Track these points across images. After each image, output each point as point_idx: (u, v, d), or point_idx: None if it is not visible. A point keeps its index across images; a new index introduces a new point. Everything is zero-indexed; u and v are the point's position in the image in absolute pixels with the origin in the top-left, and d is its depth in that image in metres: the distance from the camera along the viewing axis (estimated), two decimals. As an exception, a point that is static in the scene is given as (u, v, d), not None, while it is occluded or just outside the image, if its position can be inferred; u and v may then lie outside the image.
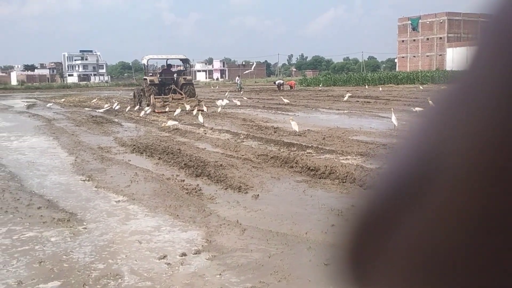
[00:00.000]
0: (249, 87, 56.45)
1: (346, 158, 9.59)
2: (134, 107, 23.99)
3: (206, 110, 20.32)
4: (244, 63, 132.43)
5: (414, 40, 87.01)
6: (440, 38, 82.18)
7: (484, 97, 0.28)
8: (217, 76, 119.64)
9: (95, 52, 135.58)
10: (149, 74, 26.50)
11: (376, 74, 61.49)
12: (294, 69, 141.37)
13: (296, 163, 9.27)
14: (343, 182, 7.83)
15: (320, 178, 8.22)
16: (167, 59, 27.34)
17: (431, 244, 0.29)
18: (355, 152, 10.07)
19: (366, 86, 48.38)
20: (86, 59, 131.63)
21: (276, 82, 48.37)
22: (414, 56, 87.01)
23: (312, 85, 58.09)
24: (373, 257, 0.34)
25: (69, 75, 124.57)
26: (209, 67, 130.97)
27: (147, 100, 23.79)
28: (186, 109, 20.49)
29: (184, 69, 27.58)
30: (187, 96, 23.99)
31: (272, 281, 4.42)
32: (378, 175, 0.34)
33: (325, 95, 34.15)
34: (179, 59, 27.66)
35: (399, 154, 0.34)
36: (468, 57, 0.30)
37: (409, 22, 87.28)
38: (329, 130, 14.10)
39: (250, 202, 7.06)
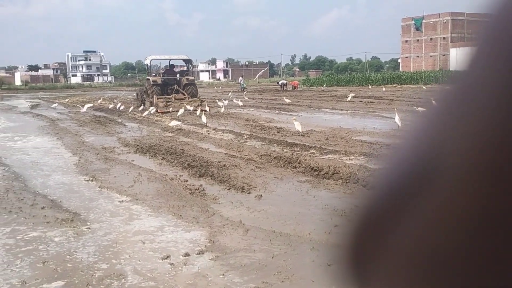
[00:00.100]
0: (252, 87, 56.49)
1: (350, 159, 9.58)
2: (137, 107, 24.04)
3: (209, 110, 20.33)
4: (247, 63, 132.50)
5: (418, 40, 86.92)
6: (444, 38, 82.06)
7: (484, 97, 0.28)
8: (219, 76, 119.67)
9: (99, 52, 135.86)
10: (152, 75, 26.58)
11: (379, 74, 61.49)
12: (297, 69, 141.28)
13: (299, 163, 9.27)
14: (346, 183, 7.83)
15: (323, 179, 8.21)
16: (170, 59, 27.41)
17: (431, 244, 0.29)
18: (359, 153, 10.06)
19: (370, 86, 48.38)
20: (89, 60, 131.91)
21: (280, 82, 48.46)
22: (417, 56, 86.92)
23: (315, 85, 58.12)
24: (374, 257, 0.34)
25: (72, 75, 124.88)
26: (213, 67, 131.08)
27: (149, 100, 23.87)
28: (187, 109, 20.51)
29: (186, 69, 27.64)
30: (189, 96, 24.06)
31: (275, 282, 4.42)
32: (378, 175, 0.34)
33: (329, 95, 34.13)
34: (182, 60, 27.74)
35: (399, 154, 0.34)
36: (468, 57, 0.30)
37: (413, 22, 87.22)
38: (332, 130, 14.09)
39: (253, 202, 7.06)
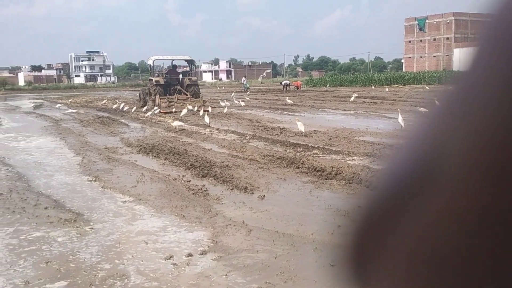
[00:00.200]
0: (255, 87, 56.49)
1: (353, 159, 9.57)
2: (140, 107, 24.09)
3: (211, 111, 20.35)
4: (250, 63, 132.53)
5: (421, 40, 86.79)
6: (447, 38, 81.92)
7: (485, 96, 0.28)
8: (221, 77, 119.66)
9: (102, 53, 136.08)
10: (155, 75, 26.62)
11: (382, 75, 61.41)
12: (300, 70, 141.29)
13: (302, 163, 9.26)
14: (349, 183, 7.82)
15: (326, 179, 8.21)
16: (172, 60, 27.47)
17: (432, 244, 0.29)
18: (362, 153, 10.05)
19: (373, 87, 48.34)
20: (93, 60, 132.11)
21: (283, 83, 48.48)
22: (420, 57, 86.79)
23: (318, 86, 58.10)
24: (375, 257, 0.34)
25: (76, 75, 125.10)
26: (215, 67, 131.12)
27: (152, 101, 23.92)
28: (189, 109, 20.53)
29: (189, 70, 27.69)
30: (192, 96, 24.12)
31: (278, 282, 4.42)
32: (380, 175, 0.34)
33: (332, 96, 34.13)
34: (185, 60, 27.81)
35: (400, 154, 0.34)
36: (470, 57, 0.30)
37: (416, 22, 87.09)
38: (335, 130, 14.08)
39: (256, 203, 7.06)
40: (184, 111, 19.56)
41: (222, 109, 21.55)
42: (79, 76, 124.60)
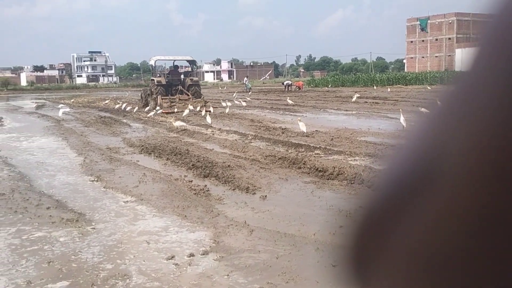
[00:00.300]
0: (257, 88, 56.47)
1: (355, 159, 9.57)
2: (143, 107, 24.14)
3: (213, 111, 20.36)
4: (252, 63, 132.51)
5: (423, 40, 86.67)
6: (449, 38, 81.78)
7: (485, 97, 0.28)
8: (222, 77, 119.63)
9: (104, 53, 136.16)
10: (156, 75, 26.67)
11: (384, 75, 61.32)
12: (302, 70, 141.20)
13: (304, 164, 9.26)
14: (351, 183, 7.81)
15: (328, 179, 8.21)
16: (174, 60, 27.53)
17: (432, 244, 0.29)
18: (364, 153, 10.04)
19: (375, 87, 48.27)
20: (95, 60, 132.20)
21: (284, 83, 48.47)
22: (422, 57, 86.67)
23: (320, 86, 58.06)
24: (375, 257, 0.34)
25: (78, 76, 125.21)
26: (217, 68, 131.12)
27: (154, 101, 23.97)
28: (190, 109, 20.54)
29: (191, 70, 27.74)
30: (193, 97, 24.16)
31: (279, 282, 4.42)
32: (380, 175, 0.34)
33: (333, 96, 34.11)
34: (186, 60, 27.88)
35: (401, 154, 0.34)
36: (470, 57, 0.30)
37: (418, 22, 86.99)
38: (337, 131, 14.07)
39: (258, 203, 7.06)
40: (186, 112, 19.59)
41: (224, 109, 21.56)
42: (81, 76, 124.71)
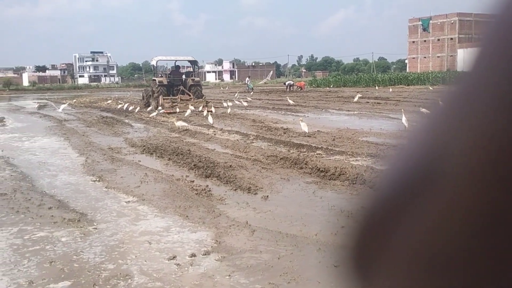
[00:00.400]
0: (259, 88, 56.49)
1: (356, 160, 9.56)
2: (146, 107, 24.18)
3: (214, 111, 20.37)
4: (253, 64, 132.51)
5: (425, 40, 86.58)
6: (451, 39, 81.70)
7: (487, 97, 0.28)
8: (223, 77, 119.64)
9: (106, 53, 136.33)
10: (158, 75, 26.72)
11: (386, 75, 61.30)
12: (304, 70, 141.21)
13: (305, 164, 9.25)
14: (353, 184, 7.81)
15: (330, 180, 8.20)
16: (175, 60, 27.56)
17: (433, 244, 0.29)
18: (365, 154, 10.03)
19: (376, 87, 48.27)
20: (97, 60, 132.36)
21: (286, 83, 48.47)
22: (424, 57, 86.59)
23: (322, 86, 58.06)
24: (377, 257, 0.34)
25: (80, 76, 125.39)
26: (219, 68, 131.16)
27: (155, 101, 24.02)
28: (191, 110, 20.55)
29: (192, 70, 27.77)
30: (195, 97, 24.20)
31: (281, 283, 4.41)
32: (381, 175, 0.34)
33: (335, 96, 34.09)
34: (188, 61, 27.93)
35: (402, 154, 0.34)
36: (472, 57, 0.30)
37: (420, 22, 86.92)
38: (339, 131, 14.06)
39: (260, 203, 7.06)
40: (188, 112, 19.61)
41: (225, 110, 21.56)
42: (83, 76, 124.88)
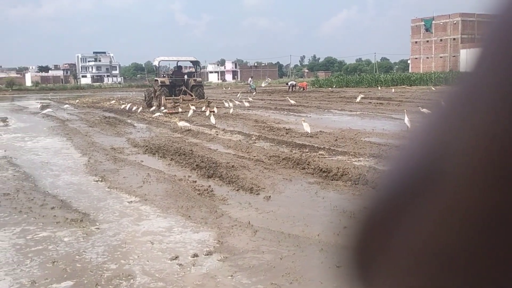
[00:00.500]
0: (261, 88, 56.46)
1: (359, 160, 9.55)
2: (146, 108, 24.20)
3: (217, 111, 20.38)
4: (256, 64, 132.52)
5: (428, 41, 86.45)
6: (454, 39, 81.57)
7: (489, 97, 0.28)
8: (226, 77, 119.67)
9: (109, 53, 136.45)
10: (161, 76, 26.77)
11: (389, 75, 61.19)
12: (306, 70, 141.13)
13: (308, 164, 9.25)
14: (355, 184, 7.80)
15: (332, 180, 8.19)
16: (177, 61, 27.61)
17: (435, 244, 0.29)
18: (368, 154, 10.02)
19: (379, 88, 48.22)
20: (99, 61, 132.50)
21: (289, 83, 48.46)
22: (427, 57, 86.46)
23: (324, 86, 58.01)
24: (379, 257, 0.34)
25: (82, 76, 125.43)
26: (221, 68, 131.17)
27: (157, 101, 24.07)
28: (193, 110, 20.56)
29: (194, 71, 27.82)
30: (197, 97, 24.25)
31: (283, 283, 4.41)
32: (383, 175, 0.34)
33: (338, 97, 34.06)
34: (190, 61, 27.98)
35: (403, 154, 0.34)
36: (474, 58, 0.30)
37: (423, 23, 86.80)
38: (341, 131, 14.05)
39: (262, 204, 7.06)
40: (191, 112, 19.64)
41: (227, 110, 21.57)
42: (85, 76, 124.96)
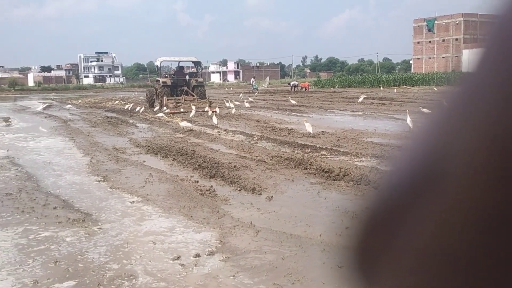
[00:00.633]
0: (263, 88, 56.46)
1: (361, 160, 9.55)
2: (148, 108, 24.24)
3: (219, 112, 20.38)
4: (258, 64, 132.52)
5: (430, 41, 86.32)
6: (456, 39, 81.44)
7: (491, 97, 0.28)
8: (227, 78, 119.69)
9: (111, 53, 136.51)
10: (163, 76, 26.81)
11: (391, 76, 61.17)
12: (308, 71, 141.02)
13: (310, 164, 9.24)
14: (357, 184, 7.79)
15: (334, 180, 8.19)
16: (179, 61, 27.65)
17: (437, 244, 0.29)
18: (370, 154, 10.02)
19: (381, 88, 48.18)
20: (101, 61, 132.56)
21: (291, 83, 48.45)
22: (429, 58, 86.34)
23: (326, 87, 57.99)
24: (381, 257, 0.34)
25: (85, 76, 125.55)
26: (224, 68, 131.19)
27: (159, 101, 24.10)
28: (195, 110, 20.56)
29: (196, 71, 27.85)
30: (198, 98, 24.29)
31: (285, 283, 4.41)
32: (385, 176, 0.34)
33: (340, 97, 34.06)
34: (191, 61, 28.00)
35: (405, 154, 0.34)
36: (476, 58, 0.30)
37: (425, 23, 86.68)
38: (343, 131, 14.04)
39: (264, 204, 7.06)
40: (193, 112, 19.65)
41: (230, 110, 21.58)
42: (88, 76, 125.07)
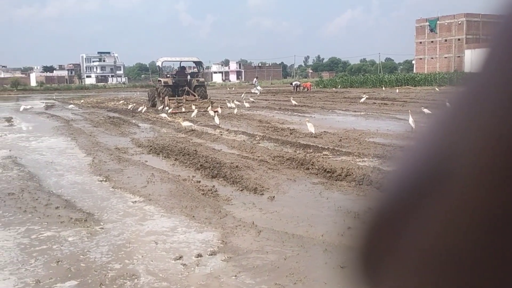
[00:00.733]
0: (265, 88, 56.45)
1: (363, 160, 9.54)
2: (152, 107, 24.29)
3: (220, 112, 20.39)
4: (260, 64, 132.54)
5: (432, 41, 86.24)
6: (459, 39, 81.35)
7: (496, 97, 0.28)
8: (229, 78, 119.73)
9: (113, 53, 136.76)
10: (164, 76, 26.85)
11: (393, 76, 61.10)
12: (310, 71, 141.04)
13: (312, 165, 9.24)
14: (359, 185, 7.79)
15: (336, 180, 8.18)
16: (181, 61, 27.67)
17: (442, 245, 0.29)
18: (372, 154, 10.01)
19: (383, 88, 48.15)
20: (104, 61, 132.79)
21: (293, 83, 48.46)
22: (432, 58, 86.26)
23: (328, 87, 57.97)
24: (384, 258, 0.34)
25: (87, 76, 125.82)
26: (226, 68, 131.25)
27: (161, 102, 24.14)
28: (197, 110, 20.58)
29: (197, 71, 27.88)
30: (199, 98, 24.31)
31: (287, 283, 4.41)
32: (389, 176, 0.34)
33: (342, 97, 34.02)
34: (193, 61, 28.03)
35: (410, 154, 0.34)
36: (481, 58, 0.30)
37: (427, 23, 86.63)
38: (345, 132, 14.03)
39: (266, 204, 7.05)
40: (195, 112, 19.67)
41: (232, 110, 21.58)
42: (90, 76, 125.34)
